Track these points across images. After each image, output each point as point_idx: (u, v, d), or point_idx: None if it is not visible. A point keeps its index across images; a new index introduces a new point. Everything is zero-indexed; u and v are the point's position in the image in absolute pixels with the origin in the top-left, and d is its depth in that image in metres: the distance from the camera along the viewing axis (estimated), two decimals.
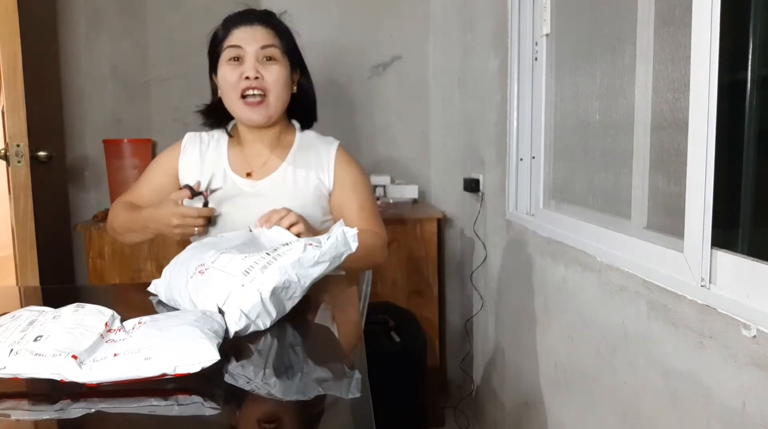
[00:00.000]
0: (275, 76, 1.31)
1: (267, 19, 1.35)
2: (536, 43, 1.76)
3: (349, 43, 2.48)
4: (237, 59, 1.31)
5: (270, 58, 1.31)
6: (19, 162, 1.93)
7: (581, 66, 1.49)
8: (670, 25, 1.10)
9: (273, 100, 1.33)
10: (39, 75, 2.19)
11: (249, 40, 1.31)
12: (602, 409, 1.25)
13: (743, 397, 0.82)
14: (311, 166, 1.39)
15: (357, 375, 0.72)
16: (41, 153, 2.01)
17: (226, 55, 1.32)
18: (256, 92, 1.31)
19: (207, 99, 1.49)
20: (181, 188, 1.32)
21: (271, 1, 1.53)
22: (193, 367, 0.68)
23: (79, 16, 2.41)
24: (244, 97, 1.31)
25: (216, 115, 1.43)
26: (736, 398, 0.83)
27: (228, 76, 1.32)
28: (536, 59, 1.76)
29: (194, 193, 1.29)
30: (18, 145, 1.92)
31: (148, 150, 2.41)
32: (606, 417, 1.23)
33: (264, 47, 1.30)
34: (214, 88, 1.42)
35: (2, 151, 1.94)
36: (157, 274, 1.08)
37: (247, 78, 1.29)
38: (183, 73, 2.47)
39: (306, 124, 1.47)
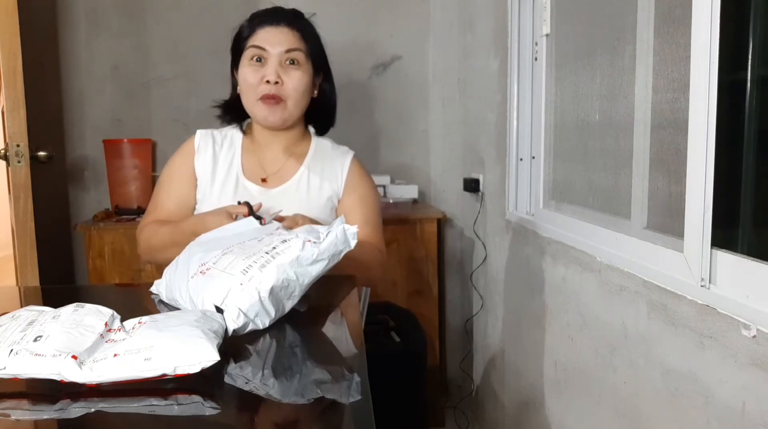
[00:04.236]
0: (296, 83, 1.30)
1: (294, 20, 1.32)
2: (536, 43, 1.76)
3: (348, 43, 2.48)
4: (259, 60, 1.29)
5: (293, 62, 1.29)
6: (19, 162, 1.93)
7: (581, 66, 1.49)
8: (670, 25, 1.10)
9: (291, 105, 1.32)
10: (39, 75, 2.19)
11: (273, 41, 1.28)
12: (602, 409, 1.25)
13: (743, 397, 0.82)
14: (325, 176, 1.38)
15: (357, 378, 0.71)
16: (41, 153, 2.01)
17: (248, 54, 1.30)
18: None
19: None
20: (239, 203, 1.24)
21: (273, 2, 1.53)
22: (192, 367, 0.68)
23: (79, 16, 2.41)
24: (262, 98, 1.30)
25: (234, 112, 1.40)
26: (736, 398, 0.83)
27: (249, 77, 1.30)
28: (536, 59, 1.76)
29: (252, 213, 1.22)
30: (18, 145, 1.92)
31: (148, 150, 2.41)
32: (606, 417, 1.23)
33: (288, 51, 1.28)
34: (235, 84, 1.39)
35: (2, 151, 1.94)
36: (158, 274, 1.08)
37: (267, 82, 1.28)
38: (183, 73, 2.47)
39: (322, 129, 1.45)
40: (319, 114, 1.42)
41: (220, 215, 1.18)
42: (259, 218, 1.19)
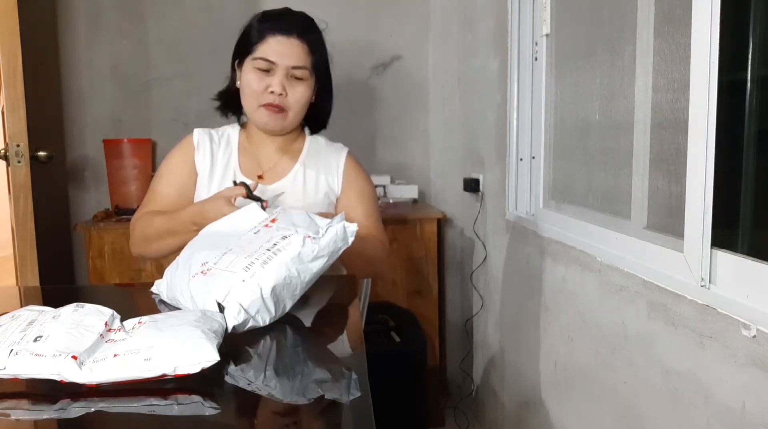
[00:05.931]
0: (299, 96, 1.32)
1: (305, 31, 1.32)
2: (536, 43, 1.76)
3: (348, 43, 2.48)
4: (266, 70, 1.30)
5: (298, 78, 1.31)
6: (19, 162, 1.93)
7: (581, 66, 1.49)
8: (670, 25, 1.10)
9: (292, 115, 1.34)
10: (39, 75, 2.19)
11: (283, 54, 1.29)
12: (602, 409, 1.25)
13: (743, 397, 0.82)
14: (321, 171, 1.39)
15: (357, 376, 0.71)
16: (41, 153, 2.01)
17: (256, 63, 1.30)
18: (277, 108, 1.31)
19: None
20: (236, 184, 1.22)
21: (275, 2, 1.53)
22: (192, 367, 0.68)
23: (79, 16, 2.41)
24: (264, 105, 1.31)
25: (234, 105, 1.41)
26: (736, 398, 0.83)
27: (253, 84, 1.30)
28: (536, 59, 1.76)
29: (250, 193, 1.19)
30: (18, 145, 1.92)
31: (148, 150, 2.41)
32: (606, 417, 1.23)
33: (295, 68, 1.29)
34: (235, 77, 1.38)
35: (2, 151, 1.94)
36: (158, 274, 1.08)
37: (272, 92, 1.29)
38: (183, 73, 2.47)
39: (314, 130, 1.47)
40: (313, 118, 1.44)
41: (219, 201, 1.16)
42: (258, 199, 1.18)
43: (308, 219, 0.99)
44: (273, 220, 0.99)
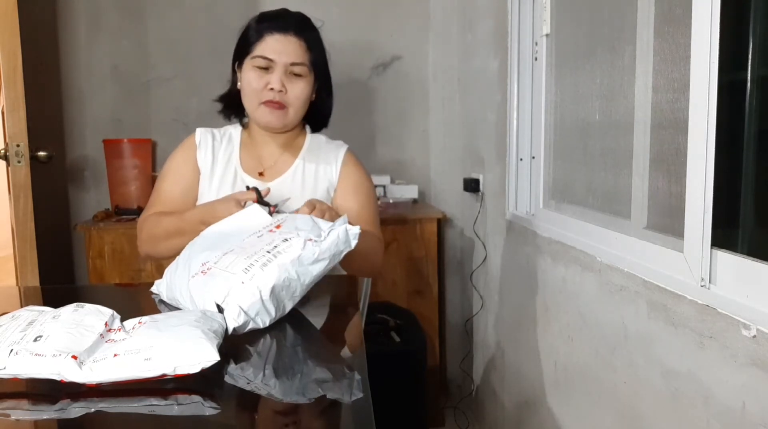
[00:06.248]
0: (298, 92, 1.33)
1: (302, 29, 1.34)
2: (536, 43, 1.76)
3: (348, 43, 2.48)
4: (265, 68, 1.31)
5: (297, 74, 1.32)
6: (19, 162, 1.93)
7: (581, 66, 1.49)
8: (670, 25, 1.10)
9: (292, 112, 1.35)
10: (39, 75, 2.19)
11: (280, 51, 1.30)
12: (602, 409, 1.25)
13: (743, 397, 0.82)
14: (320, 167, 1.41)
15: (357, 376, 0.72)
16: (41, 153, 2.01)
17: (255, 62, 1.31)
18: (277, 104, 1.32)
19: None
20: (248, 188, 1.24)
21: (273, 2, 1.53)
22: (192, 367, 0.68)
23: (79, 16, 2.41)
24: (264, 103, 1.32)
25: (235, 107, 1.42)
26: (736, 398, 0.83)
27: (253, 83, 1.32)
28: (536, 59, 1.76)
29: (260, 198, 1.20)
30: (18, 145, 1.92)
31: (148, 150, 2.41)
32: (606, 417, 1.23)
33: (293, 64, 1.31)
34: (235, 79, 1.40)
35: (2, 151, 1.94)
36: (158, 274, 1.08)
37: (271, 89, 1.30)
38: (183, 73, 2.47)
39: (315, 129, 1.48)
40: (314, 116, 1.45)
41: (229, 203, 1.18)
42: (267, 205, 1.18)
43: (311, 222, 0.99)
44: (278, 226, 1.00)
